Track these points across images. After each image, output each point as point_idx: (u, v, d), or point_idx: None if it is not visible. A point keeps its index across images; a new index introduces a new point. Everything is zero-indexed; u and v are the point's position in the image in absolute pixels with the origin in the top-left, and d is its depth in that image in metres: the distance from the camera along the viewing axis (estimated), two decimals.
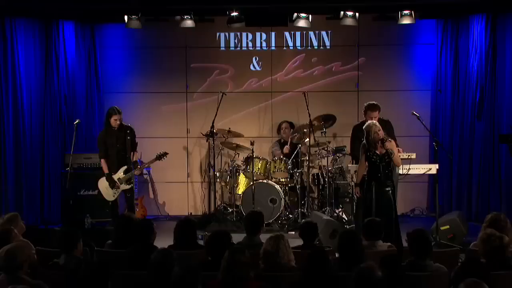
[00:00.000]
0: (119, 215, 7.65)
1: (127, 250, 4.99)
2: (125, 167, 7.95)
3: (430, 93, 9.77)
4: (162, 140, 9.74)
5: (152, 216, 9.49)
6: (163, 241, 5.51)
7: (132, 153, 8.03)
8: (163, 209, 9.91)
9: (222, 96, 9.07)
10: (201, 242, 5.63)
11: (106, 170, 7.95)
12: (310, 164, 8.94)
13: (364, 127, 6.78)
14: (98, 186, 8.06)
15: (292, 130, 9.43)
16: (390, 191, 6.70)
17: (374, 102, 7.66)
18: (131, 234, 5.17)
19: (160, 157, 8.23)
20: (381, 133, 6.64)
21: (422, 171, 7.72)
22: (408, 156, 7.60)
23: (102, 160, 7.99)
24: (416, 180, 8.86)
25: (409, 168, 7.38)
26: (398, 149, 7.19)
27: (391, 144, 6.72)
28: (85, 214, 8.29)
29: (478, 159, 8.95)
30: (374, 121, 6.79)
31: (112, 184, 7.92)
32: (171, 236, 5.33)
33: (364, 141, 6.69)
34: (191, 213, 9.83)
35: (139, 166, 8.16)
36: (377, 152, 6.65)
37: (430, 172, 7.79)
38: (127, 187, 7.97)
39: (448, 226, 7.37)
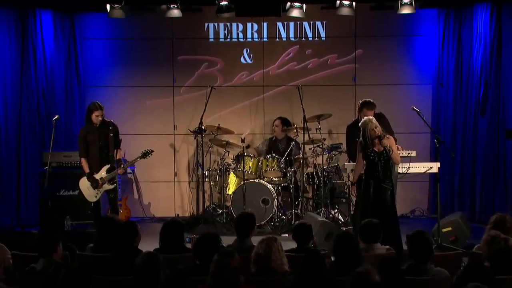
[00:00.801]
0: (101, 217, 7.62)
1: (110, 254, 4.97)
2: (108, 165, 7.92)
3: (431, 87, 9.79)
4: (147, 137, 9.72)
5: (137, 218, 9.47)
6: (149, 244, 5.50)
7: (115, 150, 8.00)
8: (148, 210, 9.90)
9: (211, 90, 9.06)
10: (188, 245, 5.63)
11: (86, 170, 7.92)
12: (305, 162, 8.95)
13: (360, 124, 6.79)
14: (79, 186, 8.03)
15: (286, 127, 9.42)
16: (389, 191, 6.72)
17: (370, 99, 7.66)
18: (114, 237, 5.15)
19: (145, 155, 8.21)
20: (378, 130, 6.65)
21: (422, 170, 7.74)
22: (408, 153, 7.62)
23: (83, 159, 7.95)
24: (417, 179, 8.89)
25: (409, 167, 7.40)
26: (397, 146, 7.21)
27: (389, 141, 6.73)
28: (65, 215, 8.26)
29: (482, 156, 8.97)
30: (371, 117, 6.80)
31: (94, 184, 7.89)
32: (156, 239, 5.31)
33: (361, 138, 6.70)
34: (178, 214, 9.82)
35: (122, 165, 8.13)
36: (375, 149, 6.67)
37: (431, 171, 7.81)
38: (110, 187, 7.94)
39: (450, 228, 7.39)
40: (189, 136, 9.70)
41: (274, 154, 8.88)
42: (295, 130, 9.15)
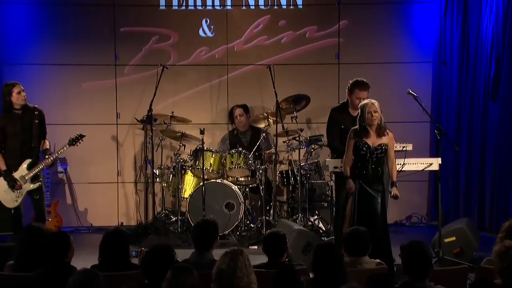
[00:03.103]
0: (23, 227, 7.50)
1: (34, 273, 4.89)
2: (29, 160, 7.78)
3: (432, 66, 9.88)
4: (82, 128, 9.51)
5: (70, 228, 9.42)
6: (85, 260, 5.45)
7: (41, 142, 7.87)
8: (85, 218, 9.84)
9: (162, 70, 9.01)
10: (135, 261, 5.59)
11: (3, 167, 7.77)
12: (278, 159, 8.97)
13: (359, 105, 6.81)
14: None
15: (248, 115, 9.42)
16: (379, 196, 6.76)
17: (363, 79, 7.69)
18: (40, 252, 5.09)
19: (73, 141, 8.06)
20: (378, 116, 6.67)
21: (420, 167, 7.78)
22: (403, 147, 7.64)
23: None
24: (413, 178, 8.91)
25: (404, 163, 7.42)
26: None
27: (389, 139, 6.78)
28: None
29: (492, 150, 9.04)
30: (373, 100, 6.82)
31: (12, 184, 7.75)
32: (95, 253, 5.27)
33: (357, 126, 6.72)
34: (122, 223, 9.81)
35: (47, 157, 7.93)
36: (368, 142, 6.70)
37: (430, 168, 7.84)
38: (33, 186, 7.78)
39: (454, 238, 7.45)
40: (136, 127, 9.66)
41: (240, 149, 8.86)
42: (266, 119, 9.14)
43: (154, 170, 9.11)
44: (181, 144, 9.13)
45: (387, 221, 6.95)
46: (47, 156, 7.87)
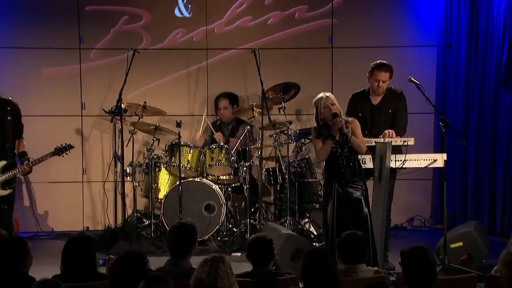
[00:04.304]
0: None
1: None
2: (5, 162, 7.71)
3: (437, 51, 9.91)
4: (42, 119, 9.65)
5: (28, 233, 9.42)
6: (46, 269, 5.43)
7: (16, 141, 7.79)
8: (45, 222, 9.82)
9: (133, 54, 8.96)
10: (103, 270, 5.58)
11: None
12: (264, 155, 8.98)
13: (313, 101, 6.90)
14: None
15: (236, 106, 9.43)
16: (360, 194, 6.81)
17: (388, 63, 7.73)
18: None
19: (60, 151, 8.02)
20: (335, 108, 6.75)
21: (423, 164, 7.79)
22: (404, 142, 7.65)
23: None
24: (415, 176, 8.91)
25: (405, 160, 7.44)
26: (390, 132, 7.27)
27: (353, 124, 6.84)
28: None
29: (504, 145, 9.07)
30: (328, 93, 6.90)
31: None
32: (57, 261, 5.25)
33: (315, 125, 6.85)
34: (87, 227, 9.81)
35: (26, 163, 7.87)
36: (336, 138, 6.77)
37: (435, 165, 7.85)
38: (4, 192, 7.71)
39: (461, 243, 7.48)
40: (104, 119, 9.64)
41: (222, 144, 8.86)
42: (250, 110, 9.14)
43: (125, 168, 9.09)
44: (154, 139, 9.11)
45: (372, 222, 6.95)
46: (26, 162, 7.74)
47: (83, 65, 9.86)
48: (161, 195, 8.93)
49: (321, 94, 6.88)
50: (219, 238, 8.68)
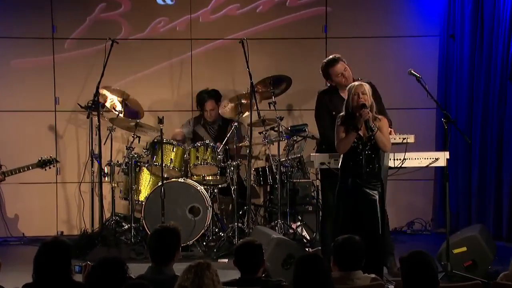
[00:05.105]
0: None
1: None
2: None
3: (439, 41, 9.93)
4: (12, 115, 9.64)
5: None
6: (16, 278, 5.44)
7: None
8: (15, 226, 9.80)
9: (111, 45, 8.98)
10: (79, 278, 5.58)
11: None
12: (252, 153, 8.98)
13: (347, 88, 6.82)
14: None
15: (220, 104, 9.42)
16: (377, 195, 6.78)
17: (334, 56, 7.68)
18: None
19: (43, 164, 8.01)
20: (365, 99, 6.66)
21: (424, 163, 7.81)
22: (403, 139, 7.67)
23: None
24: (416, 176, 8.92)
25: (405, 158, 7.46)
26: (390, 130, 7.27)
27: (382, 123, 6.76)
28: None
29: (511, 142, 9.13)
30: (365, 82, 6.82)
31: None
32: (28, 269, 5.24)
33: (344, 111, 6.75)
34: (62, 232, 9.81)
35: (1, 169, 7.87)
36: (360, 133, 6.71)
37: (436, 164, 7.88)
38: None
39: (465, 248, 7.50)
40: (80, 114, 9.66)
41: (207, 141, 8.87)
42: (238, 105, 9.13)
43: (102, 168, 9.07)
44: (135, 136, 9.09)
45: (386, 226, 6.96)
46: (1, 170, 7.74)
47: (57, 56, 9.85)
48: (142, 197, 8.93)
49: (356, 83, 6.81)
50: (204, 243, 8.67)
